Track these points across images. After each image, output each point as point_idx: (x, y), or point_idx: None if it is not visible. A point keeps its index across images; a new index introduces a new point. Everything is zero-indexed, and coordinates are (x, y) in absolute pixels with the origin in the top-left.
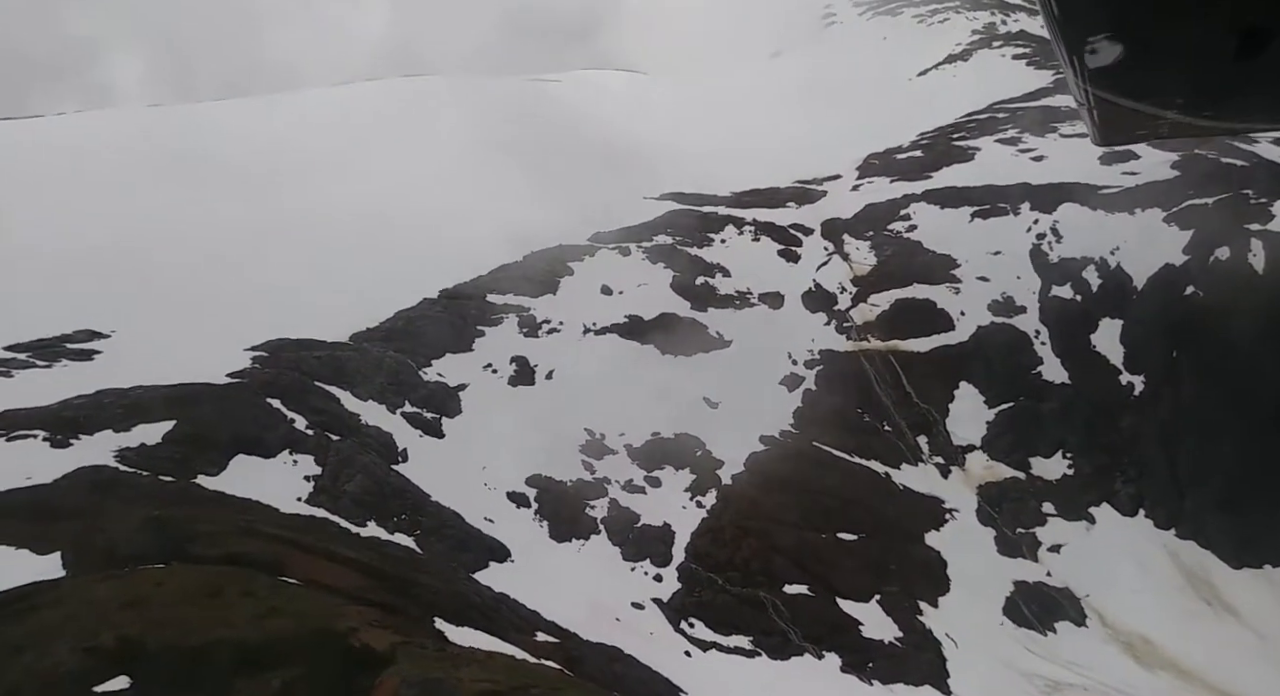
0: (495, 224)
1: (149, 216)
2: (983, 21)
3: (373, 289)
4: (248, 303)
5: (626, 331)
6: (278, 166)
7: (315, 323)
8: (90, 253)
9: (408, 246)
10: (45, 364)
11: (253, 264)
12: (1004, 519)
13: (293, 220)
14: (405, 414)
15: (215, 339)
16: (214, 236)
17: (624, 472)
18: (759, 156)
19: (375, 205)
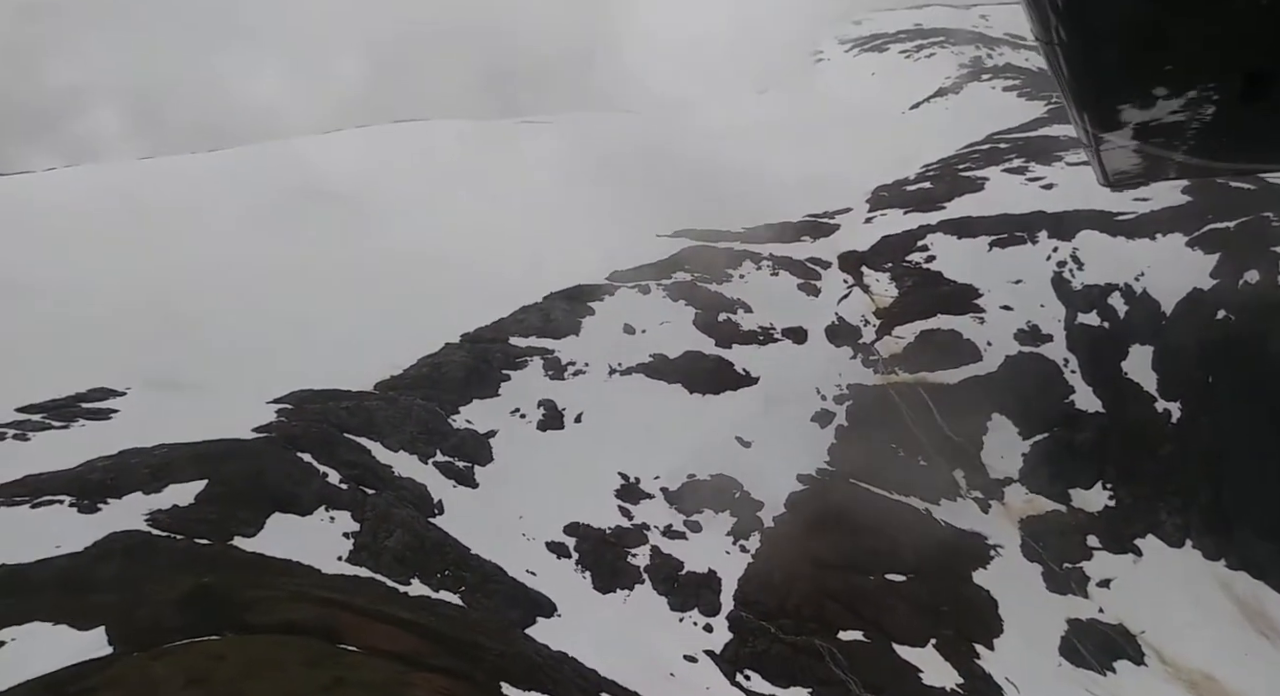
0: (511, 264)
1: (151, 272)
2: (969, 55)
3: (393, 334)
4: (265, 353)
5: (652, 371)
6: (277, 214)
7: (337, 372)
8: (98, 308)
9: (425, 290)
10: (62, 424)
11: (266, 314)
12: (1050, 554)
13: (300, 268)
14: (437, 463)
15: (234, 392)
16: (222, 288)
17: (662, 517)
18: (765, 190)
19: (391, 248)
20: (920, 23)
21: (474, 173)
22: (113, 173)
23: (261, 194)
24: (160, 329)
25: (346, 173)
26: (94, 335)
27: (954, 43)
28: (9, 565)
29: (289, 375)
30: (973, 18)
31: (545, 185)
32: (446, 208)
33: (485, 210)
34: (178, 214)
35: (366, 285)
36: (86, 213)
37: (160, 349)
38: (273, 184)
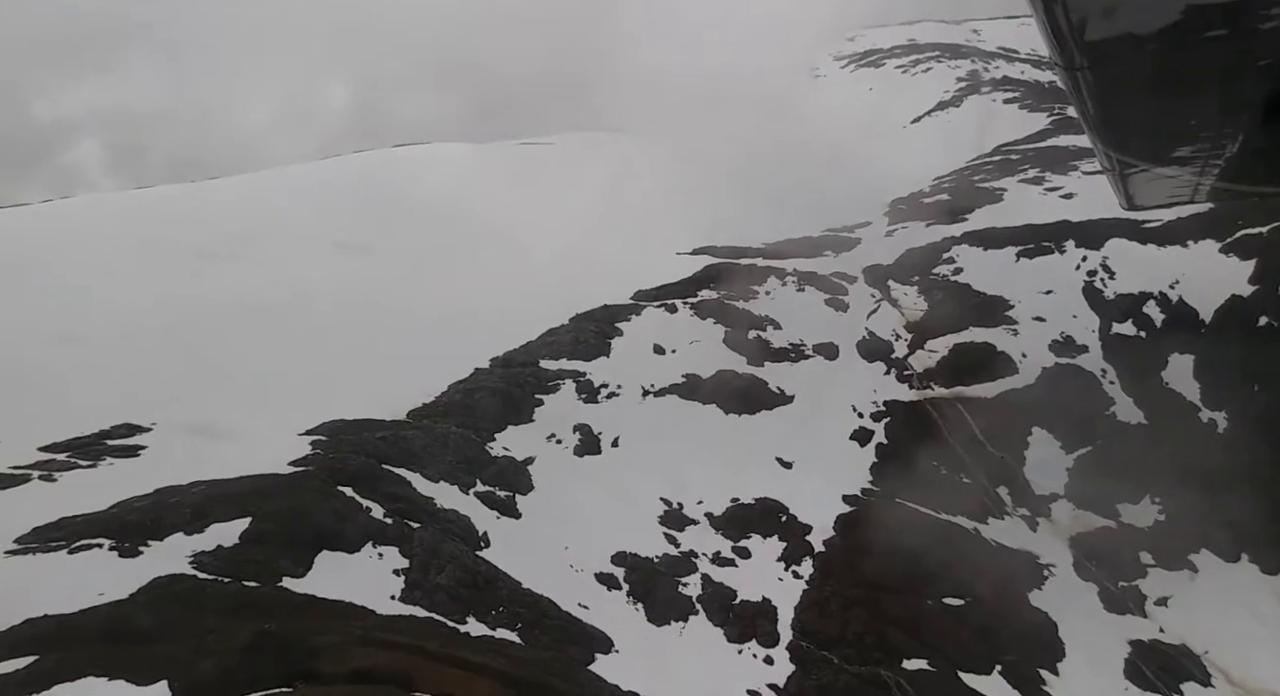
0: (534, 286)
1: (169, 301)
2: (965, 69)
3: (421, 360)
4: (291, 385)
5: (686, 391)
6: (284, 241)
7: (369, 400)
8: (116, 342)
9: (450, 314)
10: (89, 463)
11: (290, 344)
12: (1104, 573)
13: (321, 295)
14: (478, 494)
15: (264, 425)
16: (242, 318)
17: (710, 544)
18: (779, 205)
19: (410, 273)
20: (914, 38)
21: (484, 194)
22: (110, 203)
23: (281, 220)
24: (181, 362)
25: (361, 198)
26: (114, 370)
27: (949, 57)
28: (53, 615)
29: (318, 406)
30: (965, 32)
31: (559, 205)
32: (463, 230)
33: (501, 232)
34: (185, 243)
35: (389, 311)
36: (86, 244)
37: (183, 382)
38: (288, 209)
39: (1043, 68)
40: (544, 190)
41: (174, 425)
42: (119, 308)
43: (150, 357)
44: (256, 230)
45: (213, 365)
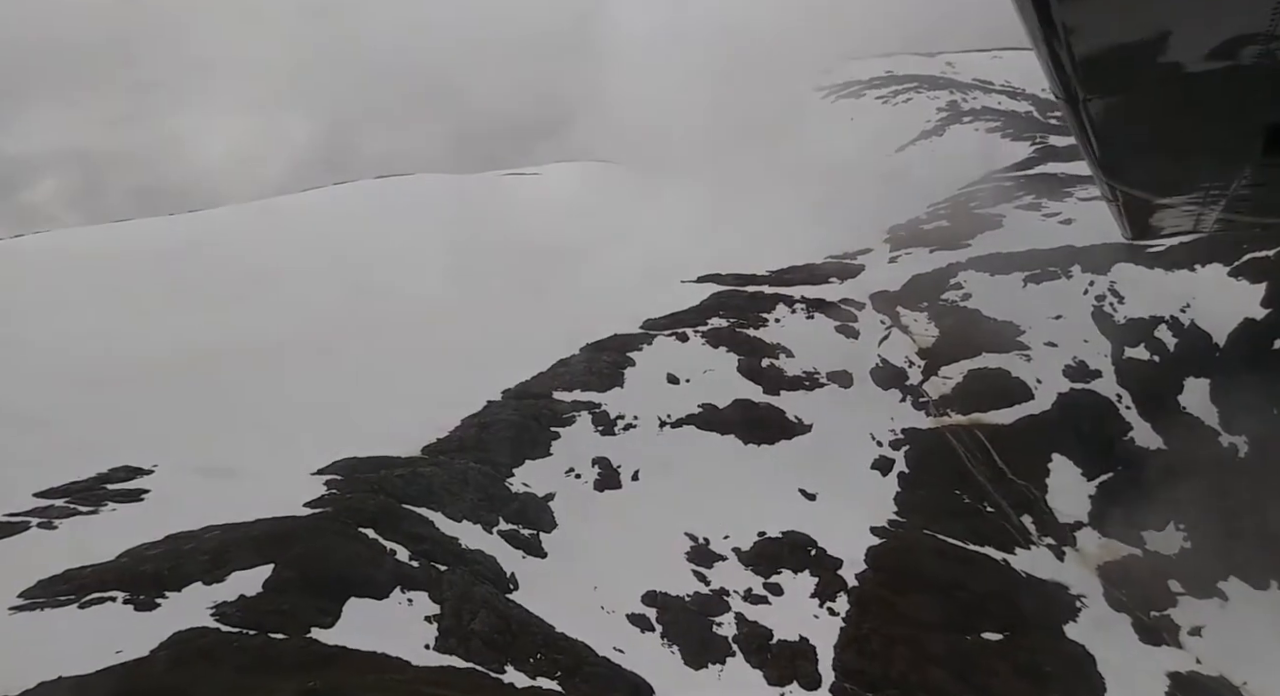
0: (541, 316)
1: (169, 334)
2: (944, 100)
3: (431, 394)
4: (298, 422)
5: (704, 422)
6: (295, 272)
7: (381, 437)
8: (111, 379)
9: (459, 346)
10: (90, 509)
11: (294, 381)
12: (1135, 602)
13: (322, 330)
14: (502, 532)
15: (273, 465)
16: (247, 349)
17: (740, 580)
18: (778, 233)
19: (410, 303)
20: (891, 70)
21: (476, 223)
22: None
23: (274, 252)
24: (181, 400)
25: (347, 229)
26: (110, 410)
27: (928, 88)
28: (68, 677)
29: (328, 444)
30: (939, 64)
31: (556, 234)
32: (459, 261)
33: (498, 262)
34: (182, 276)
35: (394, 343)
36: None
37: (185, 421)
38: (279, 241)
39: (1018, 98)
40: (539, 219)
41: (177, 466)
42: (111, 346)
43: (147, 397)
44: (257, 265)
45: (212, 403)
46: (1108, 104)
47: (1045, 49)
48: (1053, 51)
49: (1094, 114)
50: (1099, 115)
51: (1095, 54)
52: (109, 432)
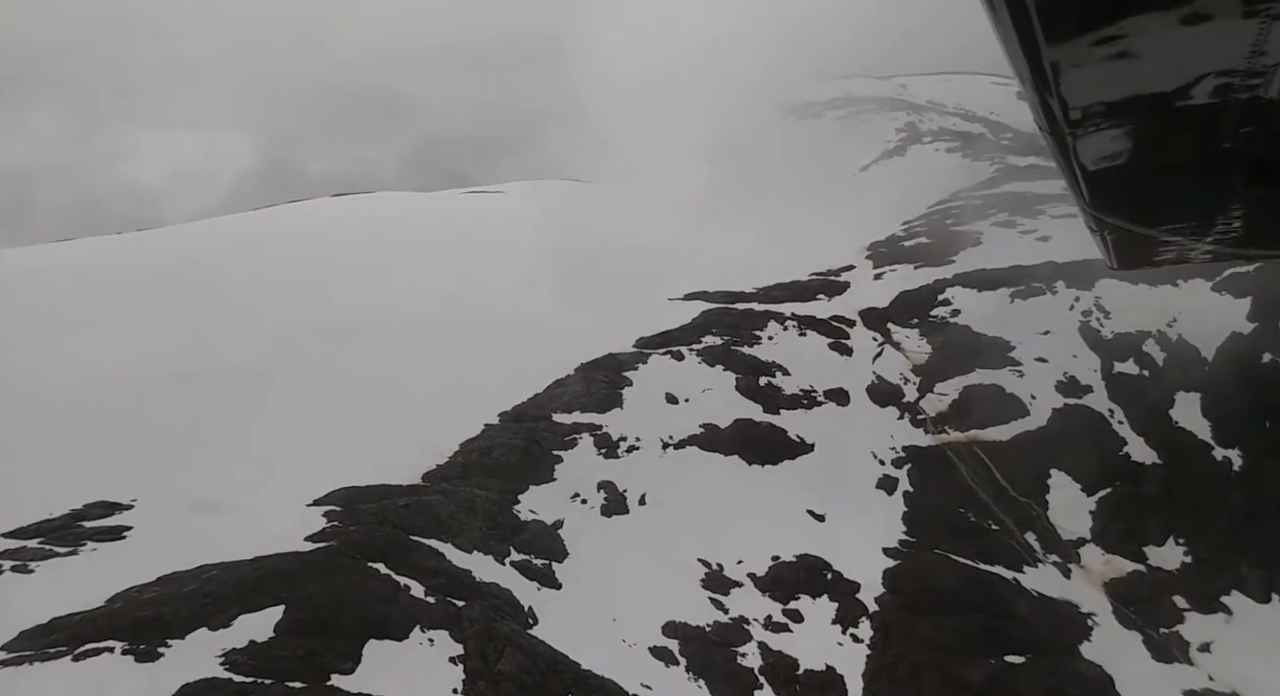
0: (534, 336)
1: (139, 357)
2: (902, 120)
3: (424, 418)
4: (284, 449)
5: (706, 443)
6: (269, 290)
7: (376, 464)
8: (84, 404)
9: (447, 368)
10: (68, 550)
11: (277, 404)
12: (1143, 619)
13: (311, 348)
14: (514, 563)
15: (263, 496)
16: (223, 371)
17: (758, 608)
18: (756, 251)
19: (391, 323)
20: (848, 91)
21: (450, 240)
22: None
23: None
24: (156, 427)
25: (314, 248)
26: (81, 437)
27: (885, 109)
28: None
29: (320, 472)
30: (894, 87)
31: (529, 252)
32: (438, 280)
33: (477, 279)
34: (148, 296)
35: (379, 365)
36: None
37: (162, 450)
38: (247, 257)
39: (972, 120)
40: (516, 238)
41: (158, 501)
42: (79, 368)
43: (121, 424)
44: (225, 283)
45: (191, 430)
46: (1093, 137)
47: (1031, 82)
48: (1039, 85)
49: (1079, 147)
50: (1084, 148)
51: (1081, 89)
52: (80, 463)
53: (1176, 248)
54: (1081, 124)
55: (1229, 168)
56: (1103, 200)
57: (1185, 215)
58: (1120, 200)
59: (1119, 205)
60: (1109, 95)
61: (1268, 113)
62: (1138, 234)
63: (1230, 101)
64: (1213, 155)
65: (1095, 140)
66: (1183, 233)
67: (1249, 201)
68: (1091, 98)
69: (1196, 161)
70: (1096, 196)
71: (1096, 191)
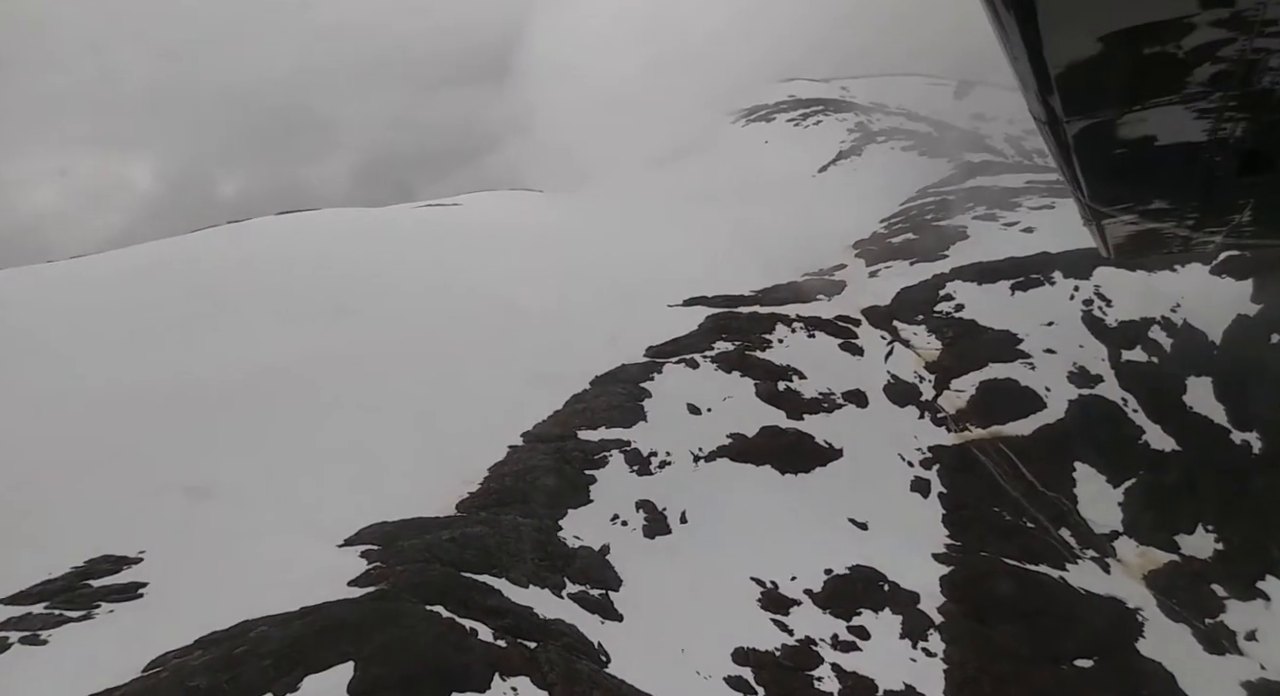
0: (540, 350)
1: (130, 385)
2: (852, 121)
3: (443, 443)
4: (296, 482)
5: (736, 453)
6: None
7: (404, 496)
8: (68, 438)
9: (457, 389)
10: (80, 614)
11: (282, 429)
12: (1188, 611)
13: (307, 368)
14: (572, 595)
15: (285, 538)
16: (220, 395)
17: (823, 626)
18: (741, 253)
19: (393, 345)
20: (794, 94)
21: (422, 255)
22: None
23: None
24: (150, 465)
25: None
26: (71, 479)
27: (833, 111)
28: None
29: (344, 507)
30: (835, 89)
31: (520, 266)
32: (429, 295)
33: (471, 295)
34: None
35: (386, 386)
36: None
37: (160, 490)
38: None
39: (916, 120)
40: (491, 251)
41: (169, 550)
42: (64, 396)
43: (111, 467)
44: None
45: (188, 467)
46: (1087, 125)
47: (1029, 72)
48: (1035, 71)
49: (1074, 135)
50: (1078, 136)
51: (1077, 75)
52: (72, 512)
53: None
54: (1078, 116)
55: (1222, 157)
56: (1099, 191)
57: (1179, 205)
58: (1112, 188)
59: (1111, 193)
60: (1106, 87)
61: (1259, 102)
62: (1132, 224)
63: (1226, 87)
64: (1206, 142)
65: (1092, 131)
66: (1177, 223)
67: (1242, 191)
68: (1088, 90)
69: (1190, 149)
70: (1093, 187)
71: (1089, 180)
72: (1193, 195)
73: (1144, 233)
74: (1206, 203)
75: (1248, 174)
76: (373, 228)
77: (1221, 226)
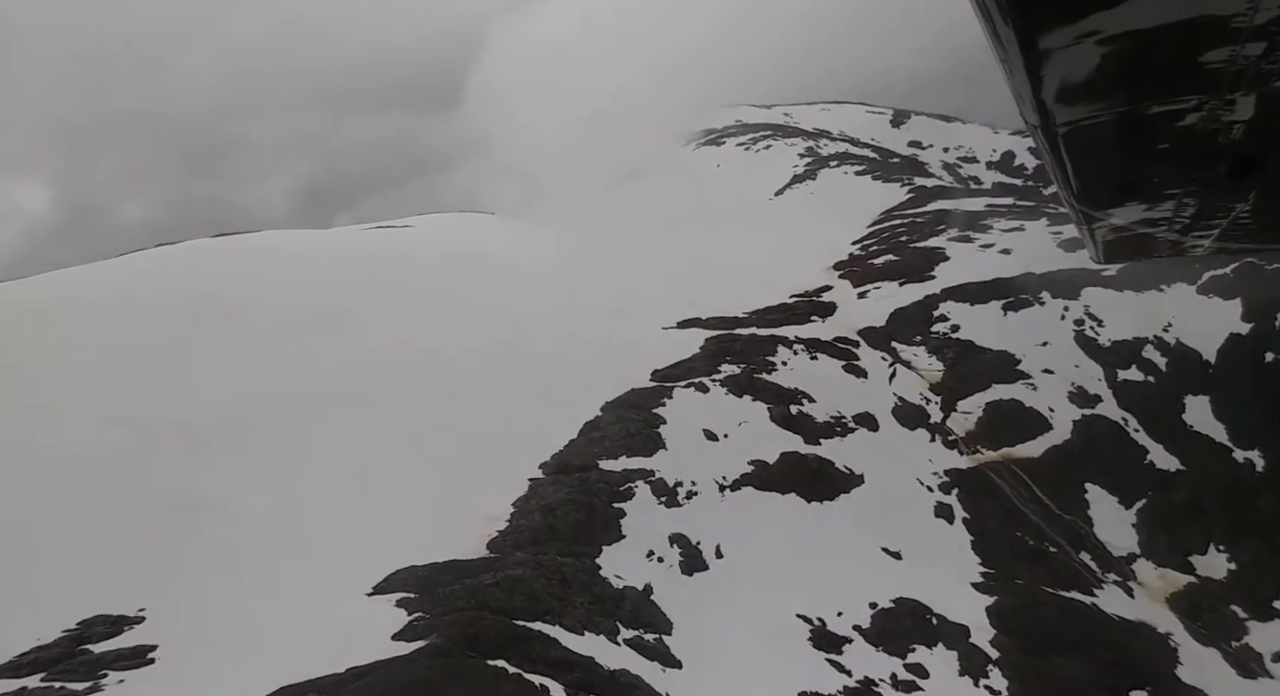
0: (542, 375)
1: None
2: (801, 146)
3: (460, 477)
4: (302, 525)
5: (760, 481)
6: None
7: (430, 538)
8: (43, 477)
9: (465, 418)
10: (87, 686)
11: (277, 466)
12: (1213, 634)
13: (304, 399)
14: (628, 642)
15: (305, 589)
16: (206, 429)
17: (879, 665)
18: (722, 276)
19: (382, 368)
20: (741, 119)
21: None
22: None
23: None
24: (139, 515)
25: None
26: (49, 527)
27: (781, 136)
28: None
29: (362, 550)
30: (778, 115)
31: (493, 288)
32: (407, 321)
33: (458, 315)
34: None
35: (385, 419)
36: None
37: (150, 541)
38: None
39: (860, 146)
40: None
41: (171, 607)
42: (31, 434)
43: (92, 512)
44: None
45: (172, 516)
46: (1082, 132)
47: (1024, 78)
48: (1032, 81)
49: (1068, 141)
50: (1073, 143)
51: (1072, 84)
52: (55, 563)
53: (1158, 241)
54: (1072, 120)
55: (1212, 161)
56: (1088, 193)
57: (1170, 208)
58: (1105, 193)
59: (1103, 198)
60: (1099, 92)
61: (1249, 107)
62: (1124, 228)
63: (1215, 98)
64: (1195, 150)
65: (1084, 136)
66: (1163, 226)
67: (1232, 194)
68: (1082, 95)
69: (1180, 155)
70: (1085, 191)
71: (1082, 185)
72: (1183, 198)
73: (1135, 236)
74: (1197, 206)
75: (1237, 177)
76: (329, 249)
77: (1211, 229)
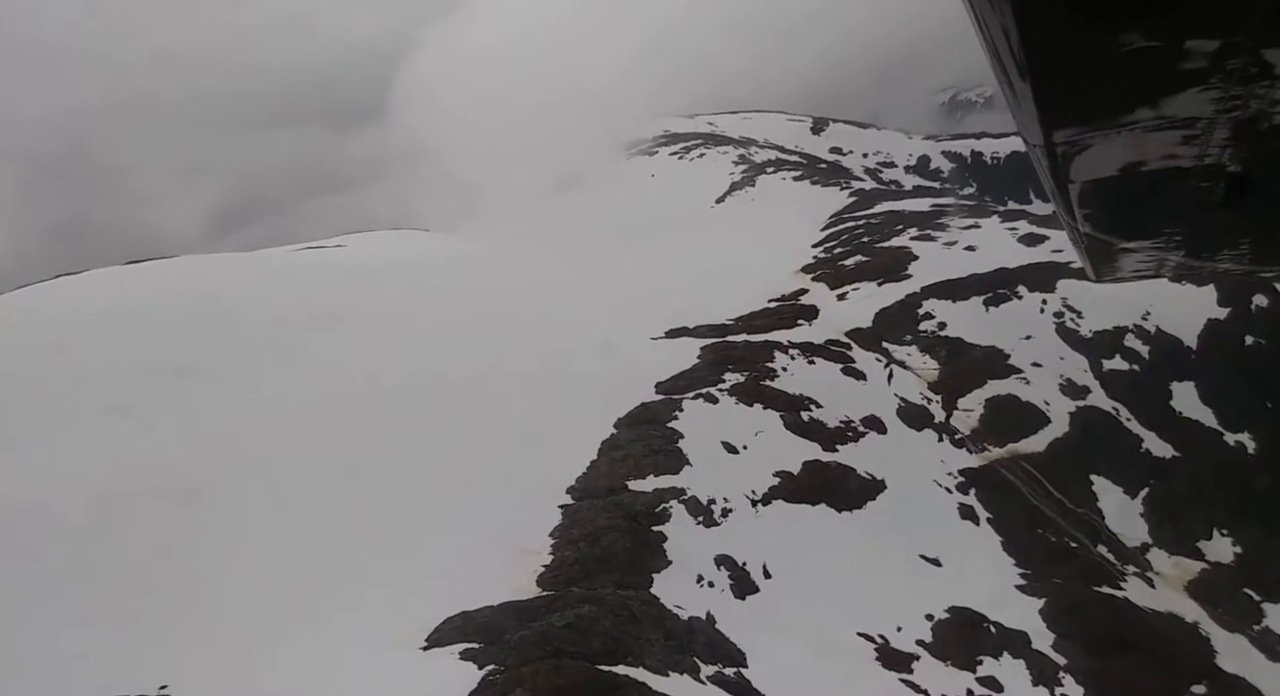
0: (539, 391)
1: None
2: (733, 154)
3: (483, 510)
4: (325, 575)
5: (789, 494)
6: None
7: (472, 578)
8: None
9: (469, 441)
10: None
11: (288, 511)
12: (1234, 620)
13: (293, 435)
14: (711, 679)
15: (342, 641)
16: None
17: (951, 681)
18: (689, 283)
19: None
20: (668, 129)
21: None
22: None
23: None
24: (133, 571)
25: None
26: (47, 594)
27: (712, 144)
28: None
29: (396, 596)
30: (702, 124)
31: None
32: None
33: (443, 331)
34: None
35: (391, 448)
36: None
37: (152, 602)
38: None
39: (787, 153)
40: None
41: (196, 679)
42: None
43: (94, 573)
44: None
45: (172, 570)
46: (1083, 154)
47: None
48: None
49: (1064, 159)
50: (1069, 161)
51: (1073, 106)
52: (61, 637)
53: (1153, 261)
54: (1072, 140)
55: (1208, 183)
56: (1090, 215)
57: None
58: (1101, 212)
59: (1099, 217)
60: (1099, 113)
61: (1251, 131)
62: (1117, 246)
63: (1210, 115)
64: (1192, 170)
65: (1085, 156)
66: (1159, 246)
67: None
68: (1083, 115)
69: (1176, 176)
70: (1084, 211)
71: (1085, 206)
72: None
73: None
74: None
75: (1236, 201)
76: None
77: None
